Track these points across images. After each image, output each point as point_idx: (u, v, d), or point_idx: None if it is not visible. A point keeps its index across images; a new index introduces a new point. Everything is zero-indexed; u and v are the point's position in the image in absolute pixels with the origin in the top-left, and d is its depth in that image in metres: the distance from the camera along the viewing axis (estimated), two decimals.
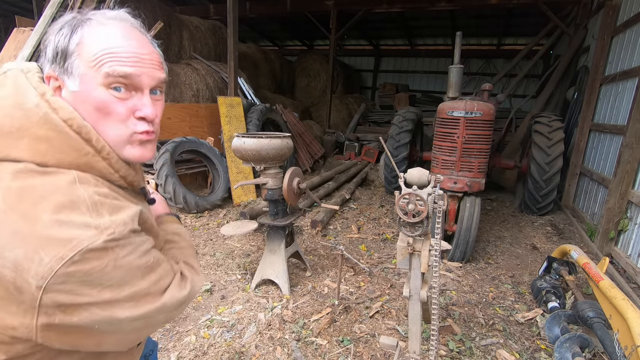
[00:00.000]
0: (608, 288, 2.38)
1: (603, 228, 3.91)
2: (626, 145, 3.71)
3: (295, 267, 3.47)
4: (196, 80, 6.63)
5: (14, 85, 0.65)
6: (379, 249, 4.03)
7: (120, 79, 0.67)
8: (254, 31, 13.00)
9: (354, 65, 14.93)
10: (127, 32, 0.71)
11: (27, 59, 4.76)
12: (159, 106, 0.76)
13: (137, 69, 0.69)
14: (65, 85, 0.68)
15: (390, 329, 2.63)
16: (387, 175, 6.02)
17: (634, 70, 4.06)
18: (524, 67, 7.98)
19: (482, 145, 3.72)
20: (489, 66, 12.78)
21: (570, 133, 6.12)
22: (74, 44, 0.66)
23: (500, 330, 2.66)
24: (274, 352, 2.34)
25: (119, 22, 0.71)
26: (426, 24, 11.10)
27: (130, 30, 0.72)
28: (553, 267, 3.12)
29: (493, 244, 4.29)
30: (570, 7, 7.50)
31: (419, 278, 1.60)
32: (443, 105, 3.87)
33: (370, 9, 8.52)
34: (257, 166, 2.81)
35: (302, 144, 7.88)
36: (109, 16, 0.71)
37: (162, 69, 0.76)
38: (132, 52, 0.69)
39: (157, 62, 0.74)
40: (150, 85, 0.72)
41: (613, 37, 4.98)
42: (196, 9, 9.31)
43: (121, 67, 0.66)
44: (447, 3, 7.81)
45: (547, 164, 4.81)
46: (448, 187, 3.69)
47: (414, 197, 1.49)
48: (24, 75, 0.67)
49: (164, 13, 6.52)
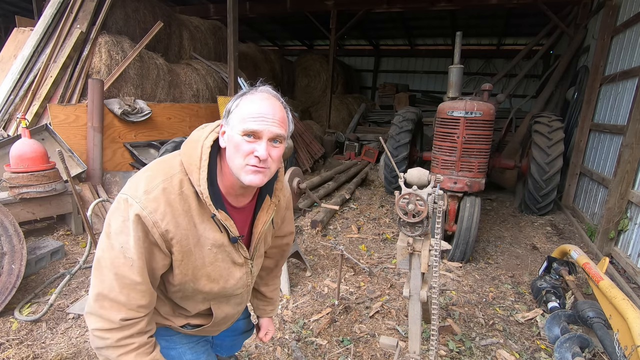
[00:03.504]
0: (608, 288, 2.38)
1: (603, 228, 3.91)
2: (626, 145, 3.71)
3: (295, 267, 3.47)
4: (196, 80, 6.63)
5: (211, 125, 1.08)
6: (379, 249, 4.03)
7: (249, 132, 0.98)
8: (254, 31, 13.00)
9: (354, 65, 14.92)
10: (262, 99, 1.01)
11: (27, 59, 4.76)
12: (274, 150, 1.03)
13: (261, 126, 0.98)
14: (225, 131, 1.02)
15: (390, 329, 2.63)
16: (387, 175, 6.02)
17: (634, 70, 4.06)
18: (524, 67, 7.98)
19: (482, 145, 3.72)
20: (489, 66, 12.77)
21: (570, 133, 6.12)
22: (234, 107, 1.02)
23: (500, 330, 2.66)
24: (274, 352, 2.34)
25: (260, 93, 1.03)
26: (426, 24, 11.09)
27: (266, 98, 1.02)
28: (553, 267, 3.12)
29: (493, 244, 4.29)
30: (570, 7, 7.50)
31: (419, 278, 1.60)
32: (443, 105, 3.87)
33: (370, 9, 8.52)
34: None
35: (302, 144, 7.88)
36: (258, 89, 1.04)
37: (281, 127, 1.03)
38: (260, 115, 0.99)
39: (279, 122, 1.02)
40: (268, 137, 1.00)
41: (613, 37, 4.98)
42: (196, 9, 9.31)
43: (250, 125, 0.98)
44: (447, 3, 7.81)
45: (547, 164, 4.81)
46: (448, 187, 3.69)
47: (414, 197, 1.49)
48: (218, 124, 1.08)
49: (164, 13, 6.52)
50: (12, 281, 2.62)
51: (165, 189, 0.98)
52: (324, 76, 11.79)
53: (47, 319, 2.59)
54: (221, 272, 1.10)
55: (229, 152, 1.02)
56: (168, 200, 0.97)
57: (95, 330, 0.98)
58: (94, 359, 2.26)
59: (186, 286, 1.08)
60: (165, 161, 1.05)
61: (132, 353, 1.00)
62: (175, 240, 0.99)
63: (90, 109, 4.62)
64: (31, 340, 2.38)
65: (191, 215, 1.01)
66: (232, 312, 1.27)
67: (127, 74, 5.33)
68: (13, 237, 2.75)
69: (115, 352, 0.99)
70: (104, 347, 0.99)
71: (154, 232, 0.95)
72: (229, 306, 1.23)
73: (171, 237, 0.98)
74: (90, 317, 0.99)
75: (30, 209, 3.63)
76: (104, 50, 5.07)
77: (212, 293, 1.13)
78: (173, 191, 0.99)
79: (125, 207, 0.95)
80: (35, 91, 4.68)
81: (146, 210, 0.94)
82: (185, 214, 1.00)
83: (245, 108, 1.00)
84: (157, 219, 0.95)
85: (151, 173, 1.01)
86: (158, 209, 0.95)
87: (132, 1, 5.82)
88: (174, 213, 0.98)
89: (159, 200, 0.96)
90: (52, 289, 2.94)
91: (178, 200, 0.99)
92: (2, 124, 4.56)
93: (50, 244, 3.42)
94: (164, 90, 6.00)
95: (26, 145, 3.58)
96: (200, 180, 0.99)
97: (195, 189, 1.01)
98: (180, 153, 1.06)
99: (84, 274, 3.20)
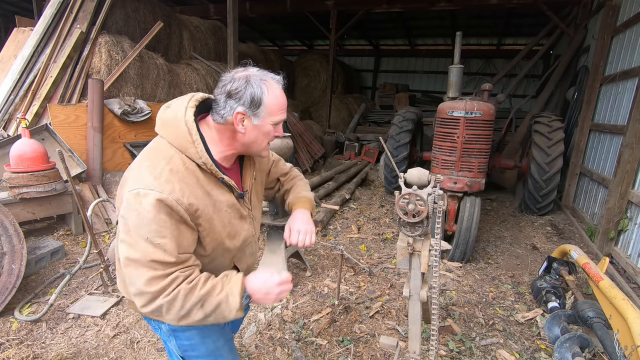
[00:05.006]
0: (608, 288, 2.38)
1: (603, 228, 3.91)
2: (626, 145, 3.71)
3: (295, 267, 3.47)
4: (196, 80, 6.62)
5: (182, 100, 1.14)
6: (379, 249, 4.03)
7: (279, 122, 1.17)
8: (254, 31, 12.99)
9: (354, 65, 14.92)
10: (280, 90, 1.16)
11: (27, 59, 4.76)
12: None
13: (285, 115, 1.19)
14: (250, 119, 1.11)
15: (390, 329, 2.63)
16: (387, 175, 6.02)
17: (634, 70, 4.06)
18: (524, 67, 7.97)
19: (482, 145, 3.72)
20: (489, 66, 12.77)
21: (570, 133, 6.11)
22: (265, 99, 1.10)
23: (500, 330, 2.66)
24: (274, 352, 2.34)
25: (277, 83, 1.16)
26: (426, 24, 11.09)
27: (280, 87, 1.17)
28: (553, 267, 3.12)
29: (493, 244, 4.29)
30: (570, 7, 7.50)
31: (419, 278, 1.60)
32: (443, 105, 3.87)
33: (370, 9, 8.52)
34: None
35: (302, 144, 7.88)
36: (269, 77, 1.14)
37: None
38: (284, 106, 1.18)
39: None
40: (283, 120, 1.19)
41: (613, 37, 4.98)
42: (196, 9, 9.30)
43: (279, 117, 1.16)
44: (447, 3, 7.81)
45: (547, 164, 4.81)
46: (448, 187, 3.69)
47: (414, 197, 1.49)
48: (191, 96, 1.14)
49: (164, 13, 6.52)
50: (12, 281, 2.62)
51: (172, 169, 1.04)
52: (324, 76, 11.78)
53: (47, 319, 2.59)
54: (236, 228, 1.22)
55: (255, 137, 1.15)
56: (179, 178, 1.04)
57: (164, 303, 0.99)
58: (94, 359, 2.26)
59: (217, 250, 1.18)
60: (153, 148, 1.11)
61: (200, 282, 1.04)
62: (200, 211, 1.06)
63: (90, 109, 4.62)
64: (31, 340, 2.38)
65: (202, 185, 1.09)
66: (251, 262, 1.40)
67: (127, 74, 5.33)
68: (13, 237, 2.75)
69: (191, 295, 1.01)
70: (185, 307, 1.01)
71: (178, 210, 1.00)
72: (246, 257, 1.35)
73: (195, 209, 1.05)
74: (150, 305, 1.00)
75: (30, 209, 3.63)
76: (104, 50, 5.07)
77: (235, 249, 1.24)
78: (179, 169, 1.05)
79: (139, 200, 0.98)
80: (35, 91, 4.68)
81: (165, 192, 0.99)
82: (198, 185, 1.08)
83: (273, 102, 1.13)
84: (177, 196, 1.01)
85: (149, 162, 1.06)
86: (175, 189, 1.01)
87: (132, 1, 5.82)
88: (189, 187, 1.05)
89: (171, 180, 1.02)
90: (52, 289, 2.94)
91: (187, 175, 1.06)
92: (2, 124, 4.56)
93: (50, 244, 3.42)
94: (164, 90, 6.00)
95: (26, 145, 3.58)
96: (199, 152, 1.07)
97: (196, 162, 1.08)
98: (161, 137, 1.12)
99: (84, 274, 3.20)
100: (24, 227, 3.59)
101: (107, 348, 2.34)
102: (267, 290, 1.10)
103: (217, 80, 6.99)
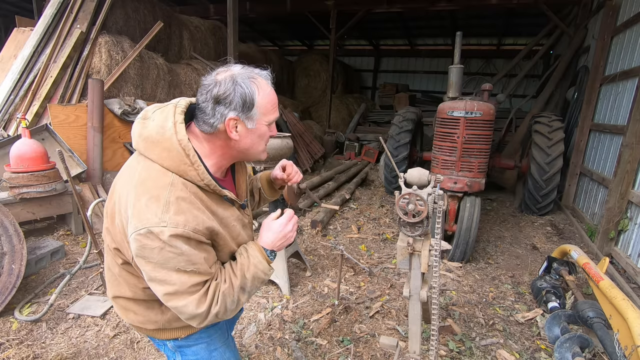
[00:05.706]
0: (608, 288, 2.38)
1: (603, 228, 3.91)
2: (626, 145, 3.71)
3: (295, 267, 3.47)
4: (196, 80, 6.62)
5: (166, 113, 1.01)
6: (379, 249, 4.03)
7: (273, 121, 1.11)
8: (254, 31, 12.99)
9: (354, 65, 14.92)
10: (270, 88, 1.07)
11: (27, 59, 4.76)
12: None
13: (278, 113, 1.13)
14: (243, 124, 1.03)
15: (390, 329, 2.63)
16: (387, 175, 6.02)
17: (634, 70, 4.06)
18: (524, 67, 7.98)
19: (482, 145, 3.72)
20: (489, 66, 12.77)
21: (570, 133, 6.11)
22: (257, 99, 1.02)
23: (500, 330, 2.66)
24: (274, 352, 2.34)
25: (265, 79, 1.07)
26: (426, 24, 11.09)
27: (269, 85, 1.07)
28: (553, 267, 3.12)
29: (493, 244, 4.29)
30: (570, 7, 7.50)
31: (419, 278, 1.60)
32: (443, 105, 3.87)
33: (370, 9, 8.52)
34: (257, 166, 2.81)
35: (302, 144, 7.88)
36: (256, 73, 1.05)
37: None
38: (275, 103, 1.10)
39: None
40: (277, 118, 1.13)
41: (613, 37, 4.98)
42: (196, 9, 9.30)
43: (273, 115, 1.09)
44: (447, 3, 7.81)
45: (547, 164, 4.81)
46: (448, 187, 3.69)
47: (414, 197, 1.49)
48: (174, 108, 1.02)
49: (164, 13, 6.51)
50: (12, 281, 2.62)
51: (178, 197, 0.96)
52: (324, 76, 11.78)
53: (47, 319, 2.59)
54: (244, 237, 1.21)
55: (251, 142, 1.08)
56: (189, 206, 0.97)
57: (217, 311, 1.02)
58: (94, 359, 2.26)
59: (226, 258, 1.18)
60: (146, 179, 0.98)
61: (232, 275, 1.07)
62: (215, 230, 1.03)
63: (90, 109, 4.62)
64: (31, 340, 2.38)
65: (208, 206, 1.04)
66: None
67: (127, 74, 5.33)
68: (13, 237, 2.75)
69: (232, 290, 1.05)
70: (234, 300, 1.05)
71: (197, 237, 0.97)
72: None
73: (211, 229, 1.02)
74: (207, 320, 1.02)
75: (30, 209, 3.63)
76: (104, 50, 5.07)
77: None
78: (185, 195, 0.97)
79: (153, 238, 0.92)
80: (35, 91, 4.67)
81: (180, 226, 0.93)
82: (205, 206, 1.02)
83: (265, 101, 1.05)
84: (193, 226, 0.95)
85: (149, 195, 0.95)
86: (189, 219, 0.95)
87: (132, 1, 5.81)
88: (201, 211, 0.99)
89: (182, 210, 0.95)
90: (52, 289, 2.94)
91: (194, 199, 0.99)
92: (2, 124, 4.56)
93: (50, 244, 3.42)
94: (164, 90, 6.00)
95: (26, 145, 3.58)
96: (200, 175, 0.99)
97: (196, 184, 1.01)
98: (149, 159, 1.00)
99: (84, 274, 3.20)
100: (24, 227, 3.59)
101: (107, 348, 2.34)
102: (282, 235, 1.17)
103: None
